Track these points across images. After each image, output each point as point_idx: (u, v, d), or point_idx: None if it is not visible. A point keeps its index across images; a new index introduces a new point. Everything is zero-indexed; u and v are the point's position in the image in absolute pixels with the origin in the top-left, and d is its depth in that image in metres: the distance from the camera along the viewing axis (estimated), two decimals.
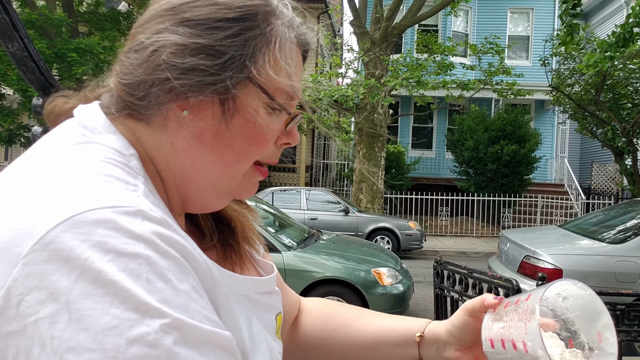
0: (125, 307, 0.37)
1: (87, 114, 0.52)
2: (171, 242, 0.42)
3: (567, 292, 0.59)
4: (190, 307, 0.40)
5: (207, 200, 0.55)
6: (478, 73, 12.00)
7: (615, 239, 4.84)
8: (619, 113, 10.69)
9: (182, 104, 0.50)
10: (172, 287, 0.40)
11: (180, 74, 0.48)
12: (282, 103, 0.54)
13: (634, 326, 2.55)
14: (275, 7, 0.54)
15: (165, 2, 0.52)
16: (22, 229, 0.39)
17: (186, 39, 0.49)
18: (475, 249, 10.59)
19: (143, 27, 0.52)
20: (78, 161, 0.45)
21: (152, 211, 0.43)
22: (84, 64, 8.95)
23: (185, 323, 0.39)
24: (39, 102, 0.86)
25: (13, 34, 0.77)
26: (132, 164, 0.48)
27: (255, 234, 0.69)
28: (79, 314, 0.36)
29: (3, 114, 10.23)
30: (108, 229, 0.39)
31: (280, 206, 8.40)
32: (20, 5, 10.25)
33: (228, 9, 0.50)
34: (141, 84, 0.50)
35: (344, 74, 12.89)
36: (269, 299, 0.63)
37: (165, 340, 0.38)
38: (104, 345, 0.36)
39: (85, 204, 0.40)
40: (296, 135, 0.58)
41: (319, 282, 4.73)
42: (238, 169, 0.54)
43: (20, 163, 0.47)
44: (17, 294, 0.37)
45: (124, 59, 0.52)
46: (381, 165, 11.32)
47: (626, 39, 5.70)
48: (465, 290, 3.02)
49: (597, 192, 14.70)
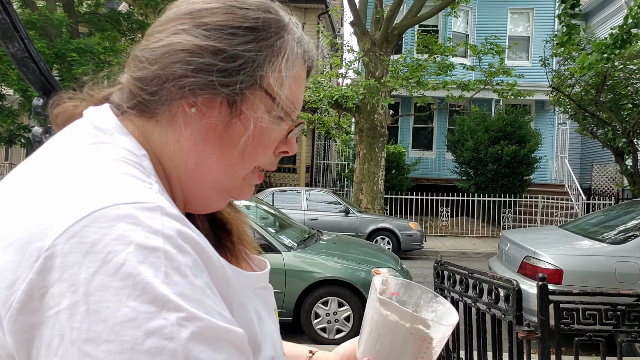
0: (143, 299, 0.38)
1: (98, 116, 0.53)
2: (188, 239, 0.43)
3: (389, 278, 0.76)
4: (205, 303, 0.41)
5: (208, 199, 0.57)
6: (478, 73, 12.00)
7: (616, 239, 4.84)
8: (620, 113, 10.68)
9: (191, 101, 0.52)
10: (189, 281, 0.41)
11: (195, 72, 0.51)
12: (286, 112, 0.56)
13: (634, 326, 2.55)
14: (287, 23, 0.57)
15: (184, 7, 0.55)
16: (44, 224, 0.40)
17: (203, 41, 0.51)
18: (475, 250, 10.59)
19: (161, 27, 0.54)
20: (95, 159, 0.46)
21: (170, 207, 0.44)
22: (84, 64, 8.95)
23: (200, 317, 0.40)
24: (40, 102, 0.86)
25: (13, 35, 0.77)
26: (144, 164, 0.50)
27: (248, 235, 0.71)
28: (97, 305, 0.37)
29: (3, 114, 10.24)
30: (129, 223, 0.40)
31: (280, 206, 8.40)
32: (20, 5, 10.26)
33: (244, 19, 0.53)
34: (155, 79, 0.52)
35: (344, 74, 12.89)
36: (266, 293, 0.64)
37: (181, 333, 0.38)
38: (121, 337, 0.37)
39: (106, 200, 0.41)
40: (294, 145, 0.61)
41: (319, 282, 4.73)
42: (240, 170, 0.56)
43: (36, 161, 0.48)
44: (40, 287, 0.38)
45: (139, 54, 0.54)
46: (381, 165, 11.32)
47: (624, 40, 5.70)
48: (466, 291, 3.02)
49: (597, 192, 14.70)
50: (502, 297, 2.58)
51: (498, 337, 2.70)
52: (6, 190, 0.45)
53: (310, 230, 6.02)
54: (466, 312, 3.04)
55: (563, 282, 4.39)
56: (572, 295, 2.63)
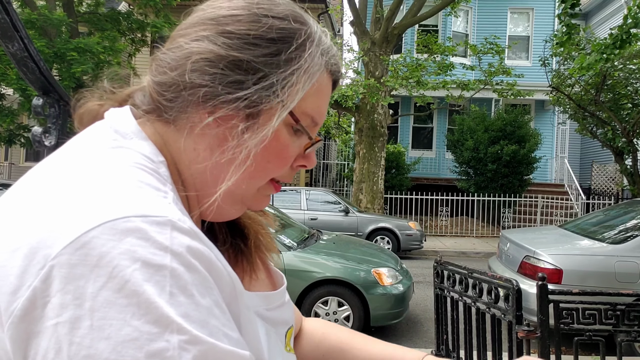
0: (146, 319, 0.37)
1: (119, 119, 0.53)
2: (197, 255, 0.42)
3: None
4: (210, 324, 0.41)
5: (222, 208, 0.55)
6: (478, 73, 12.00)
7: (616, 239, 4.84)
8: (619, 113, 10.69)
9: (209, 111, 0.51)
10: (194, 302, 0.40)
11: (213, 82, 0.50)
12: (305, 127, 0.55)
13: (634, 326, 2.55)
14: (315, 33, 0.55)
15: (210, 12, 0.54)
16: (53, 231, 0.39)
17: (224, 50, 0.50)
18: (475, 249, 10.59)
19: (184, 31, 0.54)
20: (111, 166, 0.46)
21: (181, 221, 0.43)
22: (84, 64, 8.94)
23: (203, 341, 0.39)
24: (39, 102, 0.86)
25: (13, 34, 0.77)
26: (161, 171, 0.49)
27: (270, 242, 0.69)
28: (101, 322, 0.36)
29: (3, 114, 10.23)
30: (137, 238, 0.39)
31: (280, 206, 8.40)
32: (20, 5, 10.25)
33: (269, 29, 0.52)
34: (173, 86, 0.51)
35: (344, 74, 12.88)
36: (280, 313, 0.62)
37: (183, 357, 0.38)
38: (122, 357, 0.36)
39: (117, 212, 0.40)
40: (313, 159, 0.59)
41: (319, 282, 4.73)
42: (255, 182, 0.55)
43: (52, 163, 0.47)
44: (43, 295, 0.37)
45: (161, 57, 0.53)
46: (381, 165, 11.32)
47: (623, 40, 5.70)
48: (465, 291, 3.02)
49: (597, 192, 14.70)
50: (501, 297, 2.58)
51: (498, 336, 2.71)
52: (21, 191, 0.45)
53: (310, 230, 6.02)
54: (466, 312, 3.04)
55: (563, 282, 4.40)
56: (571, 295, 2.63)
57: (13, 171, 16.70)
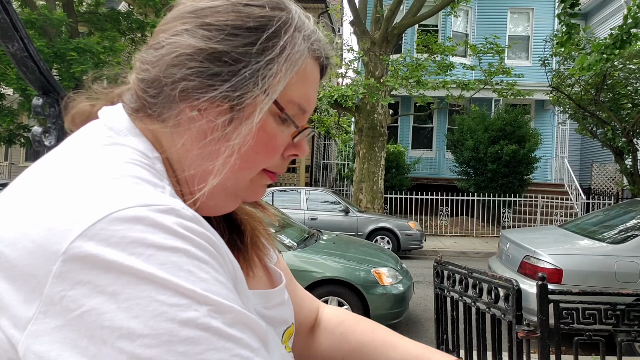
0: (171, 293, 0.38)
1: (112, 116, 0.53)
2: (205, 238, 0.44)
3: None
4: (230, 297, 0.42)
5: (216, 201, 0.55)
6: (478, 73, 12.00)
7: (616, 239, 4.84)
8: (619, 113, 10.69)
9: (192, 105, 0.51)
10: (213, 277, 0.42)
11: (194, 76, 0.50)
12: (292, 115, 0.54)
13: (634, 326, 2.55)
14: (297, 19, 0.54)
15: (189, 5, 0.53)
16: (59, 227, 0.39)
17: (203, 42, 0.50)
18: (475, 249, 10.59)
19: (165, 26, 0.54)
20: (107, 162, 0.46)
21: (184, 209, 0.44)
22: (84, 63, 8.95)
23: (231, 308, 0.41)
24: (39, 102, 0.86)
25: (13, 34, 0.77)
26: (156, 166, 0.50)
27: (268, 239, 0.68)
28: (127, 303, 0.37)
29: (3, 114, 10.23)
30: (146, 225, 0.40)
31: (280, 206, 8.40)
32: (20, 5, 10.25)
33: (248, 18, 0.51)
34: (155, 82, 0.51)
35: (344, 74, 12.89)
36: (279, 311, 0.62)
37: (213, 322, 0.39)
38: (156, 330, 0.37)
39: (121, 203, 0.40)
40: (304, 147, 0.59)
41: (319, 282, 4.73)
42: (245, 174, 0.54)
43: (48, 162, 0.47)
44: (59, 290, 0.37)
45: (144, 55, 0.53)
46: (381, 165, 11.32)
47: (623, 40, 5.69)
48: (465, 291, 3.02)
49: (597, 192, 14.70)
50: (501, 297, 2.58)
51: (498, 336, 2.70)
52: (18, 189, 0.45)
53: (310, 230, 6.02)
54: (466, 312, 3.04)
55: (563, 282, 4.40)
56: (571, 294, 2.63)
57: (13, 171, 16.70)
